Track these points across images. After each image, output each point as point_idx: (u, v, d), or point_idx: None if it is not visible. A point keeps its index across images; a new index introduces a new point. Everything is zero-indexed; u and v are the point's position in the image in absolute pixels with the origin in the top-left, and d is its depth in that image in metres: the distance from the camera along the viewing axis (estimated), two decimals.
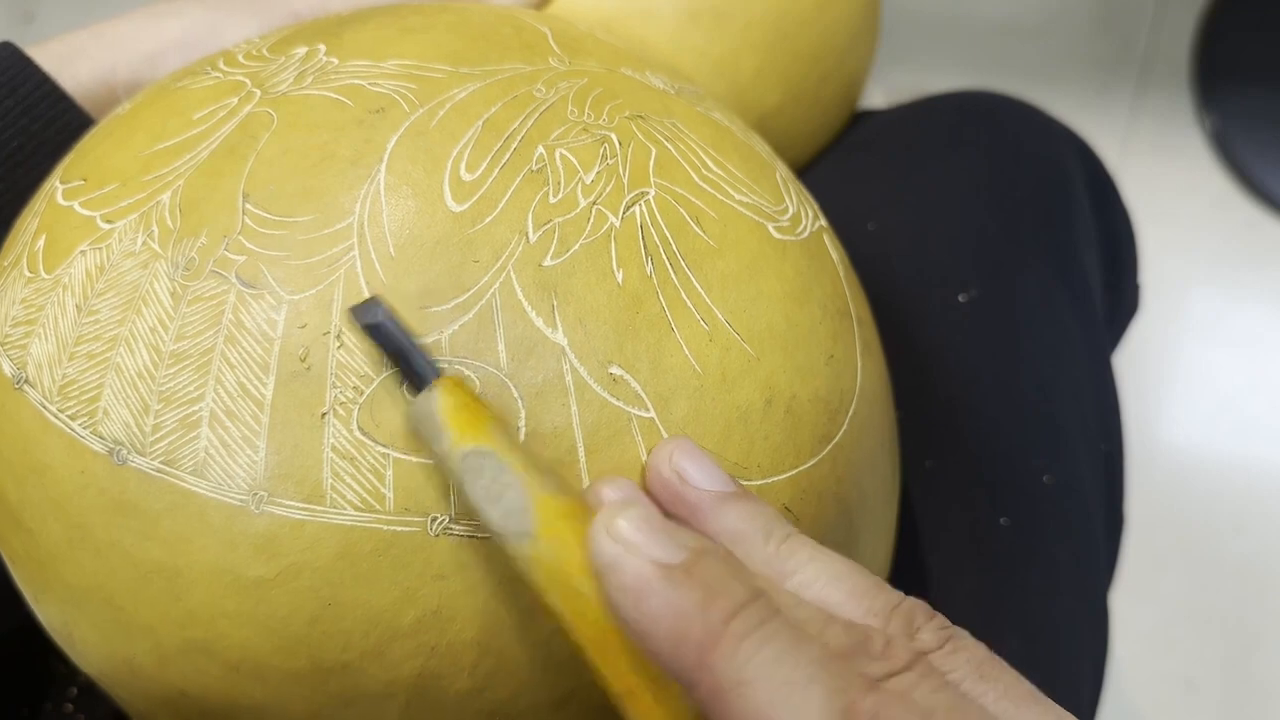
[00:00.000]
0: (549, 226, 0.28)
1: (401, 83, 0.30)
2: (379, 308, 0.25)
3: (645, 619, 0.22)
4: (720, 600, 0.22)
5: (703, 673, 0.21)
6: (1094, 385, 0.50)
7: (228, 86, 0.31)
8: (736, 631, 0.21)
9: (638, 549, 0.22)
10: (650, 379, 0.27)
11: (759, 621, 0.21)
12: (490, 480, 0.24)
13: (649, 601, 0.22)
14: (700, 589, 0.22)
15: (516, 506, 0.24)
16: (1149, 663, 0.96)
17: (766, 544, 0.25)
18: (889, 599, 0.24)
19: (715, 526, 0.26)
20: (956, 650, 0.23)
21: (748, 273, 0.30)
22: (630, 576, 0.22)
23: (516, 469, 0.24)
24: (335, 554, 0.25)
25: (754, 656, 0.21)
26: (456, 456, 0.24)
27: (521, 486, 0.24)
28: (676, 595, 0.22)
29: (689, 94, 0.34)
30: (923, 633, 0.23)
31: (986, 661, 0.23)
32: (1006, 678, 0.23)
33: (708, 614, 0.21)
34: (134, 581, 0.27)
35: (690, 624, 0.21)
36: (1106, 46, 1.14)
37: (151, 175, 0.29)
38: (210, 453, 0.26)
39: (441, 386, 0.25)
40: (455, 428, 0.24)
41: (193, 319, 0.27)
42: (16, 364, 0.28)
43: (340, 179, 0.28)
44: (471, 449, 0.24)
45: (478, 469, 0.24)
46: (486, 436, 0.24)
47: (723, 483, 0.26)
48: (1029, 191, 0.51)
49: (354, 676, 0.26)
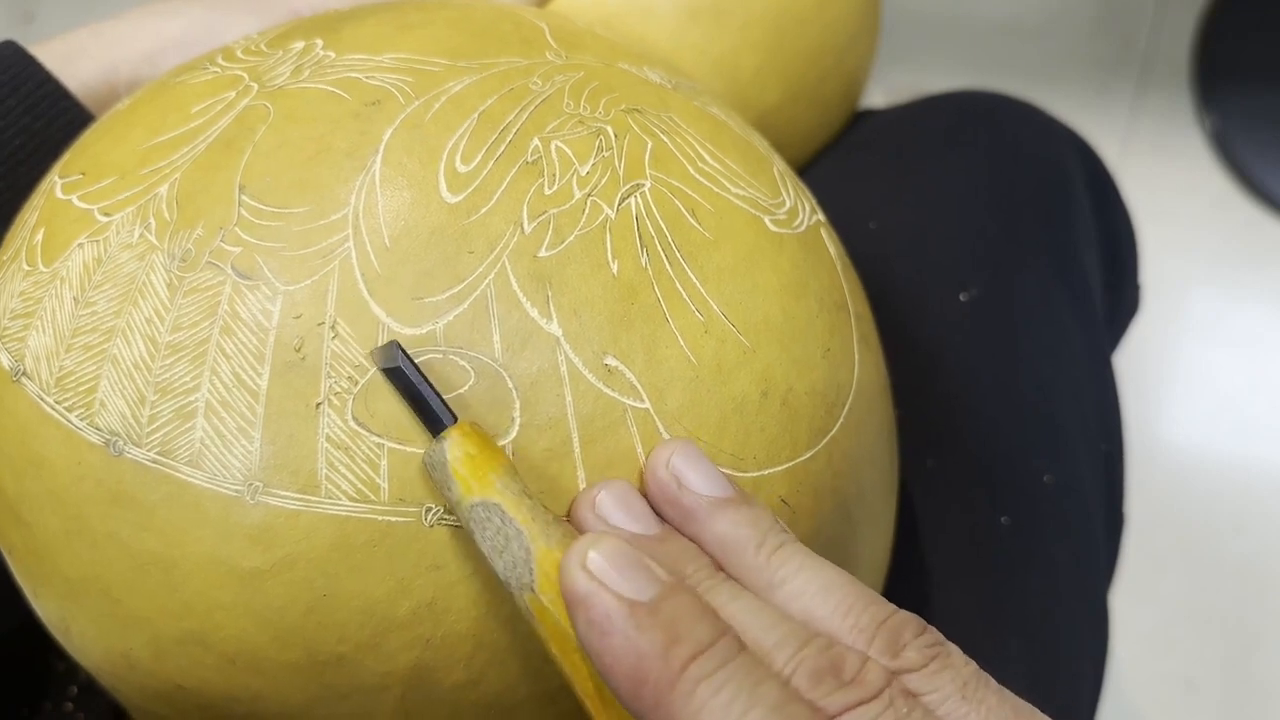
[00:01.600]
0: (544, 218, 0.28)
1: (398, 76, 0.30)
2: (397, 352, 0.25)
3: (609, 655, 0.22)
4: (682, 643, 0.22)
5: (658, 714, 0.21)
6: (1094, 385, 0.50)
7: (226, 81, 0.31)
8: (692, 676, 0.21)
9: (608, 584, 0.22)
10: (645, 370, 0.27)
11: (717, 665, 0.21)
12: (495, 532, 0.24)
13: (612, 640, 0.22)
14: (663, 629, 0.22)
15: (519, 558, 0.24)
16: (1149, 663, 0.95)
17: (758, 553, 0.25)
18: (876, 614, 0.24)
19: (708, 533, 0.26)
20: (941, 669, 0.23)
21: (744, 265, 0.30)
22: (597, 613, 0.22)
23: (521, 522, 0.24)
24: (330, 544, 0.25)
25: (709, 701, 0.21)
26: (465, 507, 0.24)
27: (526, 539, 0.24)
28: (638, 636, 0.22)
29: (686, 89, 0.34)
30: (908, 650, 0.23)
31: (972, 681, 0.23)
32: (990, 699, 0.23)
33: (667, 656, 0.22)
34: (130, 573, 0.27)
35: (649, 666, 0.22)
36: (1106, 46, 1.14)
37: (149, 168, 0.29)
38: (206, 443, 0.26)
39: (452, 437, 0.25)
40: (463, 478, 0.24)
41: (189, 310, 0.27)
42: (14, 356, 0.28)
43: (336, 171, 0.28)
44: (479, 500, 0.24)
45: (484, 520, 0.24)
46: (492, 489, 0.24)
47: (721, 488, 0.26)
48: (1029, 191, 0.51)
49: (349, 668, 0.26)
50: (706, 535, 0.26)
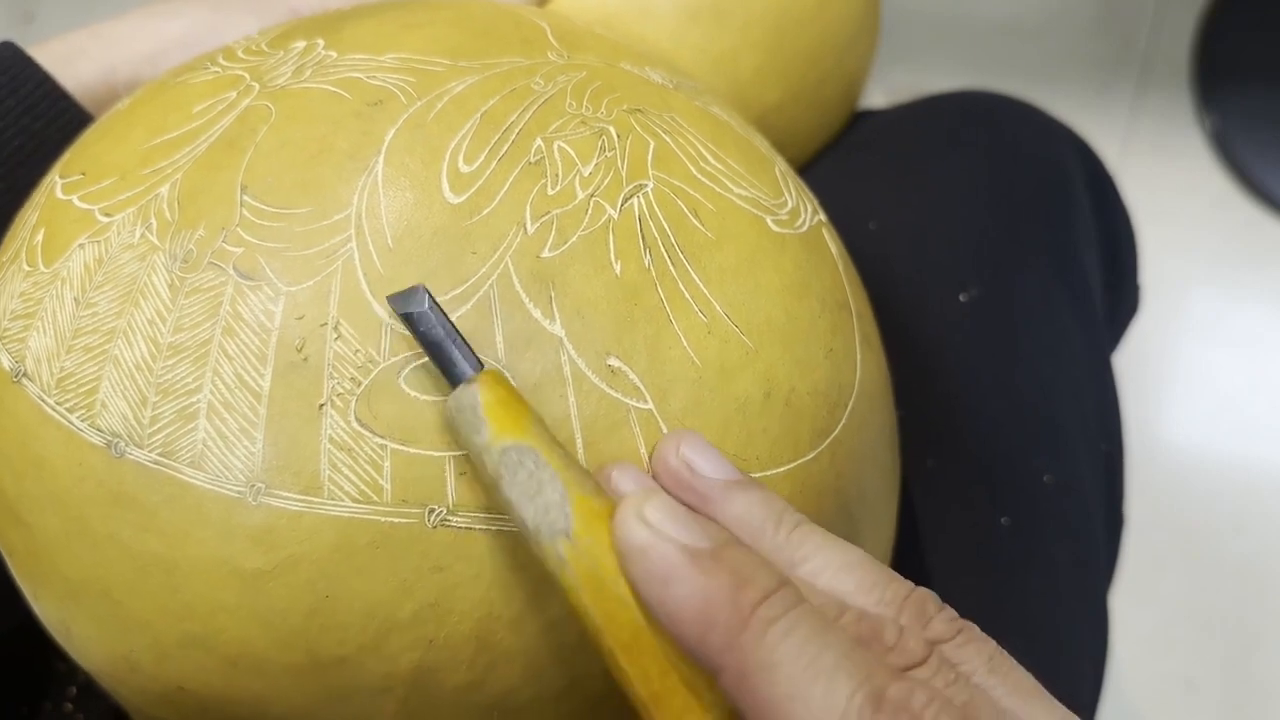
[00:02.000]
0: (547, 218, 0.28)
1: (400, 76, 0.30)
2: (423, 294, 0.25)
3: (673, 603, 0.22)
4: (748, 586, 0.22)
5: (730, 656, 0.21)
6: (1094, 385, 0.50)
7: (227, 80, 0.31)
8: (764, 616, 0.21)
9: (667, 534, 0.23)
10: (648, 370, 0.27)
11: (786, 608, 0.22)
12: (527, 476, 0.24)
13: (678, 587, 0.22)
14: (728, 574, 0.22)
15: (554, 503, 0.24)
16: (1149, 663, 0.95)
17: (777, 532, 0.25)
18: (899, 589, 0.24)
19: (724, 515, 0.26)
20: (967, 642, 0.23)
21: (746, 265, 0.30)
22: (659, 561, 0.22)
23: (556, 466, 0.24)
24: (332, 546, 0.25)
25: (782, 641, 0.21)
26: (495, 450, 0.24)
27: (560, 484, 0.24)
28: (705, 580, 0.22)
29: (688, 89, 0.34)
30: (935, 623, 0.23)
31: (996, 655, 0.23)
32: (1015, 673, 0.23)
33: (737, 598, 0.22)
34: (132, 574, 0.27)
35: (719, 608, 0.22)
36: (1106, 46, 1.14)
37: (150, 168, 0.29)
38: (208, 444, 0.26)
39: (484, 380, 0.25)
40: (496, 421, 0.24)
41: (190, 311, 0.27)
42: (15, 357, 0.28)
43: (338, 171, 0.28)
44: (512, 444, 0.24)
45: (516, 464, 0.24)
46: (528, 433, 0.24)
47: (730, 472, 0.26)
48: (1029, 191, 0.51)
49: (352, 670, 0.26)
50: (725, 518, 0.26)
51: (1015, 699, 0.22)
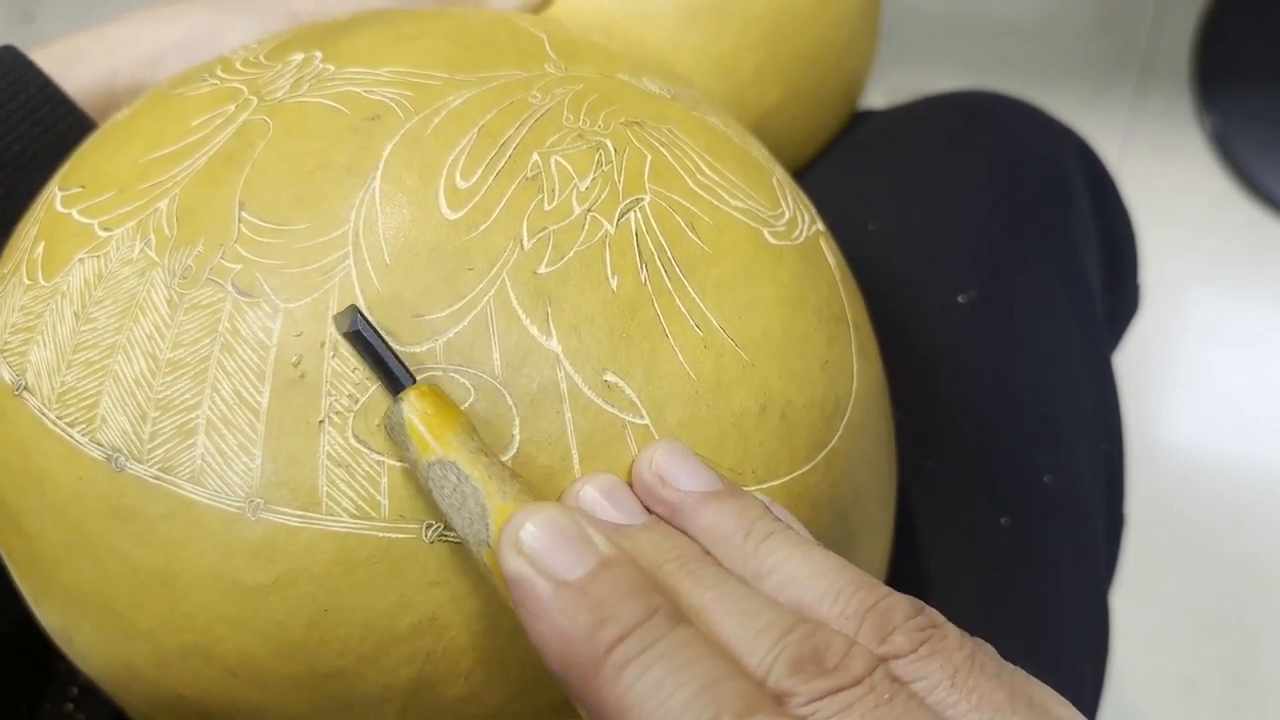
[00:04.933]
0: (543, 234, 0.28)
1: (397, 90, 0.30)
2: (356, 315, 0.26)
3: (536, 639, 0.22)
4: (607, 625, 0.21)
5: (587, 699, 0.21)
6: (1094, 385, 0.50)
7: (225, 93, 0.31)
8: (617, 660, 0.21)
9: (539, 562, 0.22)
10: (645, 386, 0.27)
11: (645, 645, 0.21)
12: (452, 490, 0.24)
13: (540, 624, 0.22)
14: (588, 612, 0.21)
15: (476, 514, 0.24)
16: (1149, 663, 0.95)
17: (745, 543, 0.25)
18: (865, 598, 0.23)
19: (693, 526, 0.25)
20: (930, 655, 0.22)
21: (743, 278, 0.30)
22: (526, 595, 0.22)
23: (477, 479, 0.24)
24: (331, 560, 0.26)
25: (634, 685, 0.21)
26: (423, 466, 0.24)
27: (481, 496, 0.24)
28: (562, 619, 0.21)
29: (685, 98, 0.34)
30: (896, 635, 0.22)
31: (964, 666, 0.22)
32: (984, 684, 0.22)
33: (593, 640, 0.21)
34: (132, 586, 0.27)
35: (575, 649, 0.21)
36: (1106, 46, 1.14)
37: (149, 183, 0.29)
38: (207, 460, 0.26)
39: (409, 397, 0.25)
40: (421, 437, 0.24)
41: (189, 327, 0.27)
42: (16, 371, 0.28)
43: (336, 187, 0.28)
44: (436, 459, 0.24)
45: (440, 479, 0.24)
46: (448, 447, 0.24)
47: (708, 482, 0.26)
48: (1029, 192, 0.51)
49: (350, 681, 0.27)
50: (694, 529, 0.25)
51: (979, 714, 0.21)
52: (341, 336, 0.26)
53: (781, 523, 0.26)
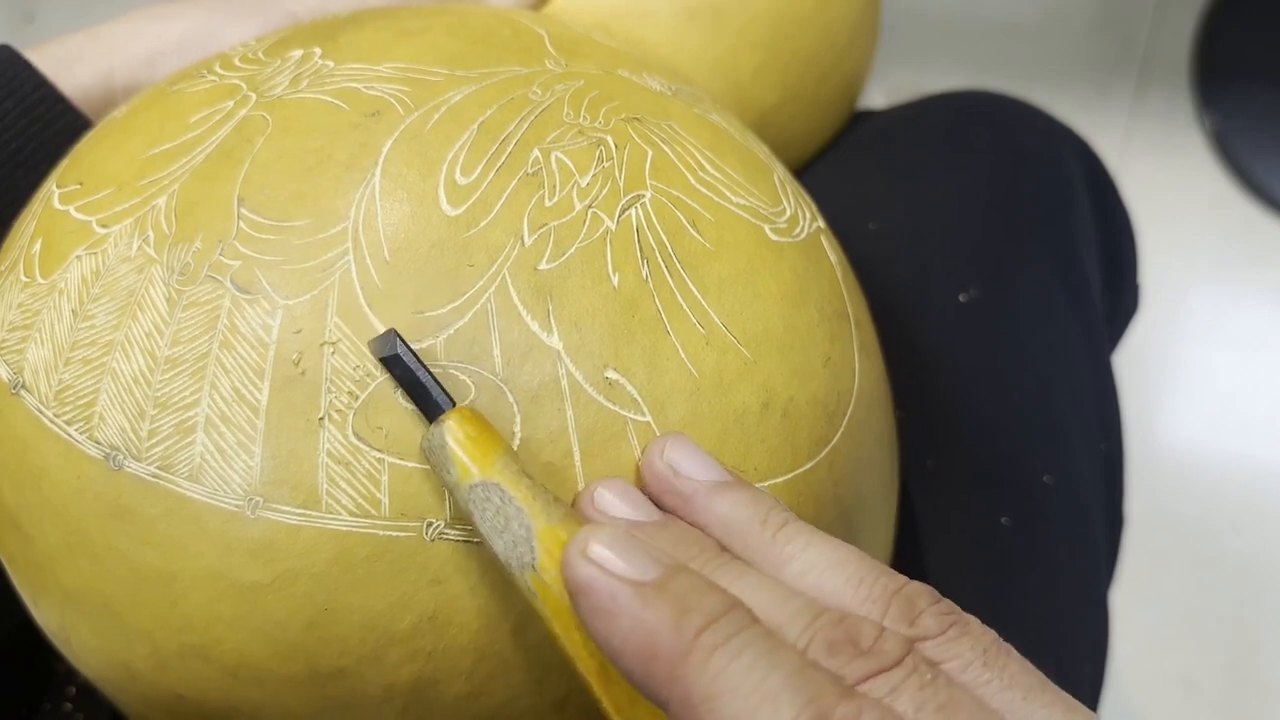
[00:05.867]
0: (544, 230, 0.28)
1: (397, 86, 0.30)
2: (395, 340, 0.25)
3: (616, 638, 0.22)
4: (692, 614, 0.21)
5: (674, 688, 0.21)
6: (1094, 385, 0.50)
7: (224, 90, 0.31)
8: (707, 644, 0.21)
9: (611, 568, 0.22)
10: (646, 383, 0.27)
11: (731, 633, 0.21)
12: (495, 512, 0.24)
13: (620, 621, 0.22)
14: (671, 604, 0.22)
15: (521, 537, 0.24)
16: (1149, 663, 0.95)
17: (763, 531, 0.25)
18: (889, 584, 0.23)
19: (709, 515, 0.25)
20: (960, 636, 0.22)
21: (744, 275, 0.30)
22: (603, 597, 0.22)
23: (521, 500, 0.24)
24: (331, 559, 0.25)
25: (725, 669, 0.21)
26: (464, 488, 0.24)
27: (526, 518, 0.24)
28: (647, 613, 0.22)
29: (686, 95, 0.34)
30: (924, 617, 0.23)
31: (992, 648, 0.22)
32: (1013, 665, 0.22)
33: (679, 628, 0.21)
34: (131, 586, 0.27)
35: (661, 639, 0.21)
36: (1106, 46, 1.14)
37: (147, 180, 0.29)
38: (206, 458, 0.26)
39: (450, 420, 0.25)
40: (462, 461, 0.24)
41: (188, 324, 0.27)
42: (13, 369, 0.28)
43: (335, 183, 0.28)
44: (479, 482, 0.24)
45: (483, 501, 0.24)
46: (493, 469, 0.24)
47: (717, 473, 0.26)
48: (1029, 192, 0.51)
49: (351, 681, 0.26)
50: (709, 519, 0.25)
51: (1012, 693, 0.22)
52: (379, 361, 0.26)
53: (792, 513, 0.26)
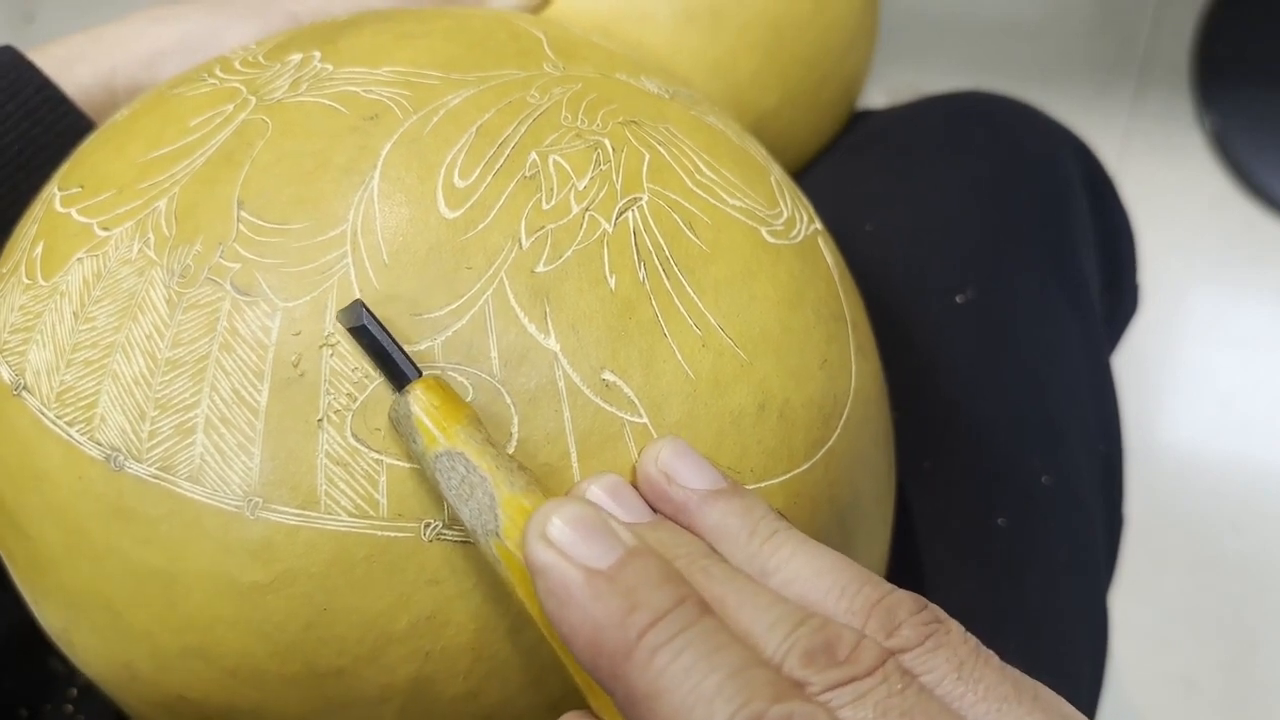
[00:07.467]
0: (542, 233, 0.28)
1: (395, 89, 0.30)
2: (361, 310, 0.26)
3: (564, 626, 0.22)
4: (638, 611, 0.22)
5: (617, 684, 0.21)
6: (1092, 385, 0.50)
7: (224, 93, 0.31)
8: (650, 644, 0.21)
9: (567, 552, 0.22)
10: (643, 384, 0.27)
11: (675, 631, 0.21)
12: (460, 481, 0.24)
13: (570, 611, 0.22)
14: (619, 598, 0.22)
15: (485, 505, 0.24)
16: (1149, 663, 0.95)
17: (750, 540, 0.25)
18: (871, 594, 0.24)
19: (700, 524, 0.26)
20: (937, 648, 0.23)
21: (741, 278, 0.30)
22: (555, 583, 0.22)
23: (485, 469, 0.24)
24: (329, 560, 0.26)
25: (666, 668, 0.21)
26: (430, 457, 0.25)
27: (490, 486, 0.24)
28: (595, 606, 0.22)
29: (684, 98, 0.34)
30: (903, 628, 0.23)
31: (970, 659, 0.22)
32: (989, 677, 0.22)
33: (624, 626, 0.21)
34: (131, 586, 0.27)
35: (606, 635, 0.21)
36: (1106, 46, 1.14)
37: (148, 182, 0.29)
38: (206, 459, 0.26)
39: (417, 389, 0.25)
40: (429, 429, 0.25)
41: (188, 326, 0.27)
42: (15, 370, 0.28)
43: (334, 186, 0.28)
44: (444, 450, 0.24)
45: (448, 470, 0.24)
46: (456, 438, 0.25)
47: (712, 480, 0.26)
48: (1027, 192, 0.51)
49: (349, 681, 0.27)
50: (699, 527, 0.26)
51: (986, 705, 0.22)
52: (346, 330, 0.26)
53: (785, 521, 0.26)
